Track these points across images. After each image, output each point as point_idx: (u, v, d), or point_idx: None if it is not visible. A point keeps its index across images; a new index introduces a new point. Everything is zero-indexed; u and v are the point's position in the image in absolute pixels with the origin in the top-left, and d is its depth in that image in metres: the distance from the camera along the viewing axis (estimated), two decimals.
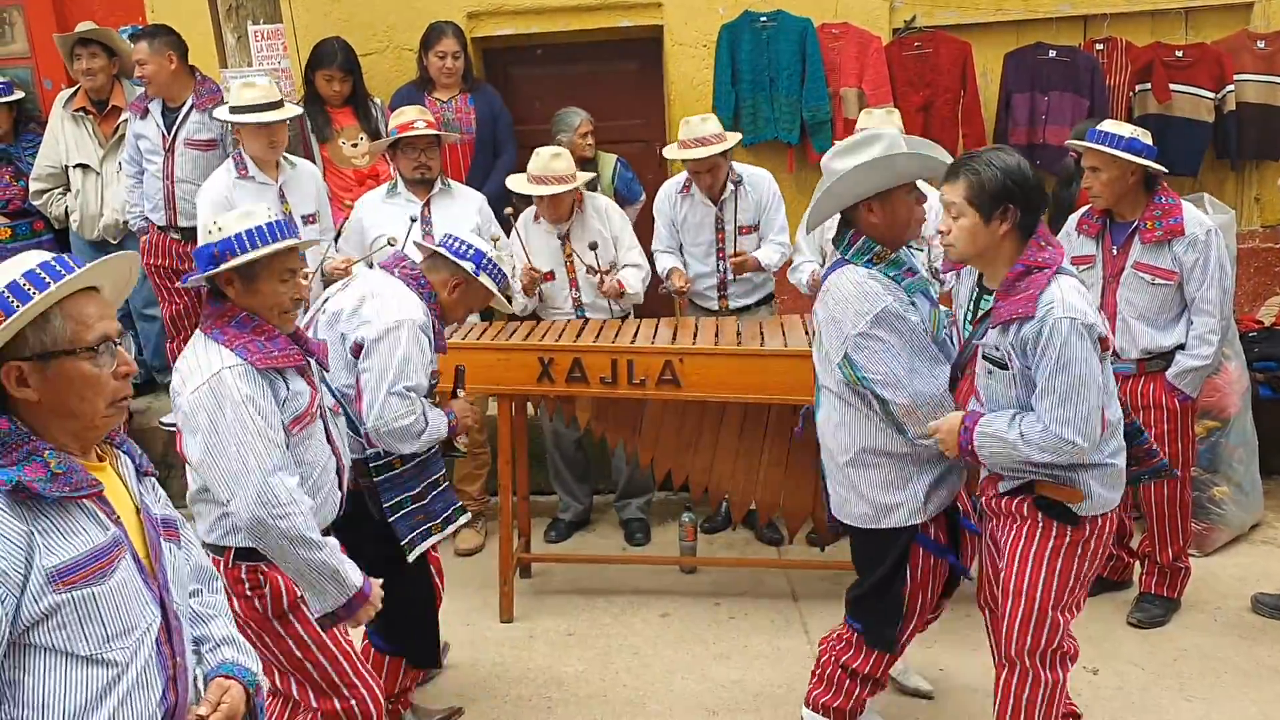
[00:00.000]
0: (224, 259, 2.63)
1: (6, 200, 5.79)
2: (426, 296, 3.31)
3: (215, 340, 2.64)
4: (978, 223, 2.76)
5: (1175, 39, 5.67)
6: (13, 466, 1.73)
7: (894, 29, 5.77)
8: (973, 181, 2.74)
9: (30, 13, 6.08)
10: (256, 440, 2.57)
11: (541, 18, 5.90)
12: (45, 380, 1.78)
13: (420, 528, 3.39)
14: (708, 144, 4.54)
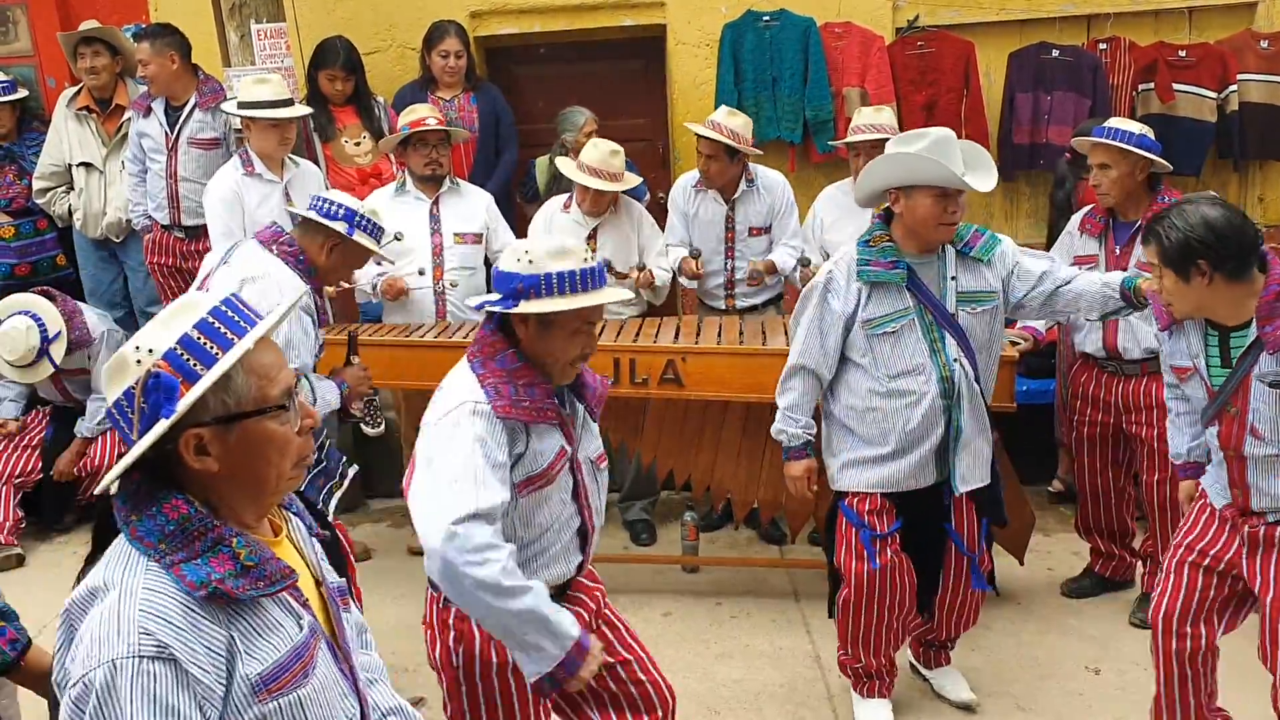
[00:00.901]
0: (526, 296, 2.38)
1: (10, 199, 5.80)
2: (305, 272, 3.29)
3: (474, 370, 2.42)
4: (1177, 282, 2.74)
5: (1178, 39, 5.66)
6: (197, 559, 1.49)
7: (897, 28, 5.77)
8: (1160, 247, 2.74)
9: (34, 11, 6.09)
10: (468, 483, 2.26)
11: (544, 17, 5.91)
12: (228, 447, 1.54)
13: (325, 486, 3.45)
14: (718, 131, 4.55)
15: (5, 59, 6.10)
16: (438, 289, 4.71)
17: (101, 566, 1.53)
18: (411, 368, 4.27)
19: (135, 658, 1.42)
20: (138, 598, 1.46)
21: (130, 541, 1.51)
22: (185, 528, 1.50)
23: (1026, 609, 4.27)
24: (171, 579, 1.48)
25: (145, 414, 1.49)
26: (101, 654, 1.42)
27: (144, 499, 1.52)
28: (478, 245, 4.76)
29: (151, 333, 1.53)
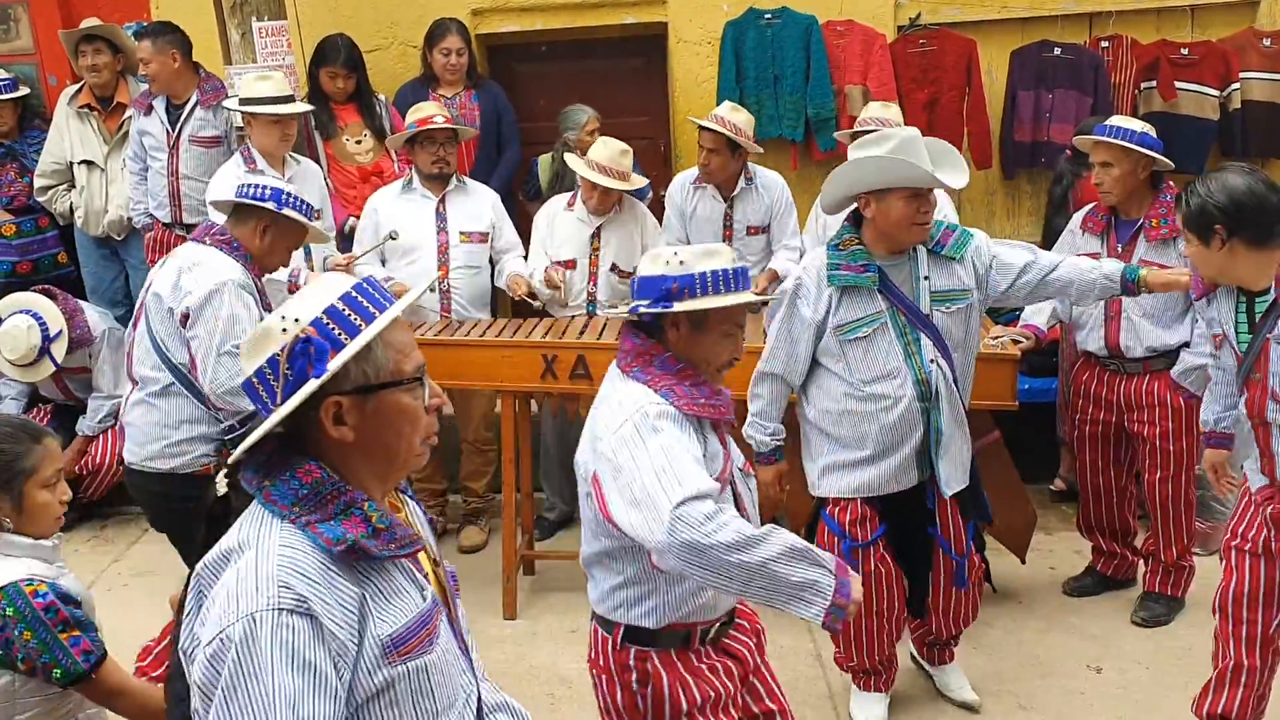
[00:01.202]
0: (680, 297, 2.33)
1: (11, 196, 5.80)
2: (241, 258, 3.35)
3: (637, 380, 2.35)
4: (1199, 247, 2.85)
5: (1181, 36, 5.65)
6: (330, 520, 1.53)
7: (899, 26, 5.76)
8: (1184, 212, 2.87)
9: (35, 9, 6.08)
10: (674, 474, 2.18)
11: (545, 14, 5.90)
12: (364, 417, 1.58)
13: None
14: (722, 125, 4.56)
15: (6, 57, 6.10)
16: (442, 287, 4.71)
17: (234, 530, 1.56)
18: None
19: (274, 610, 1.44)
20: (275, 554, 1.49)
21: (263, 505, 1.55)
22: (318, 491, 1.54)
23: (1028, 608, 4.27)
24: (308, 537, 1.51)
25: (290, 379, 1.54)
26: (240, 608, 1.44)
27: (277, 465, 1.57)
28: (483, 244, 4.76)
29: (296, 304, 1.58)
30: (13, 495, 2.33)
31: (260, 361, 1.56)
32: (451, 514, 5.20)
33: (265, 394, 1.57)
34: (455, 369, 4.25)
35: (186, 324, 3.28)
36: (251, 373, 1.58)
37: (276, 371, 1.55)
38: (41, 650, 2.24)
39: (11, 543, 2.32)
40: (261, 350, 1.56)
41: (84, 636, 2.29)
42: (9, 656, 2.24)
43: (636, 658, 2.41)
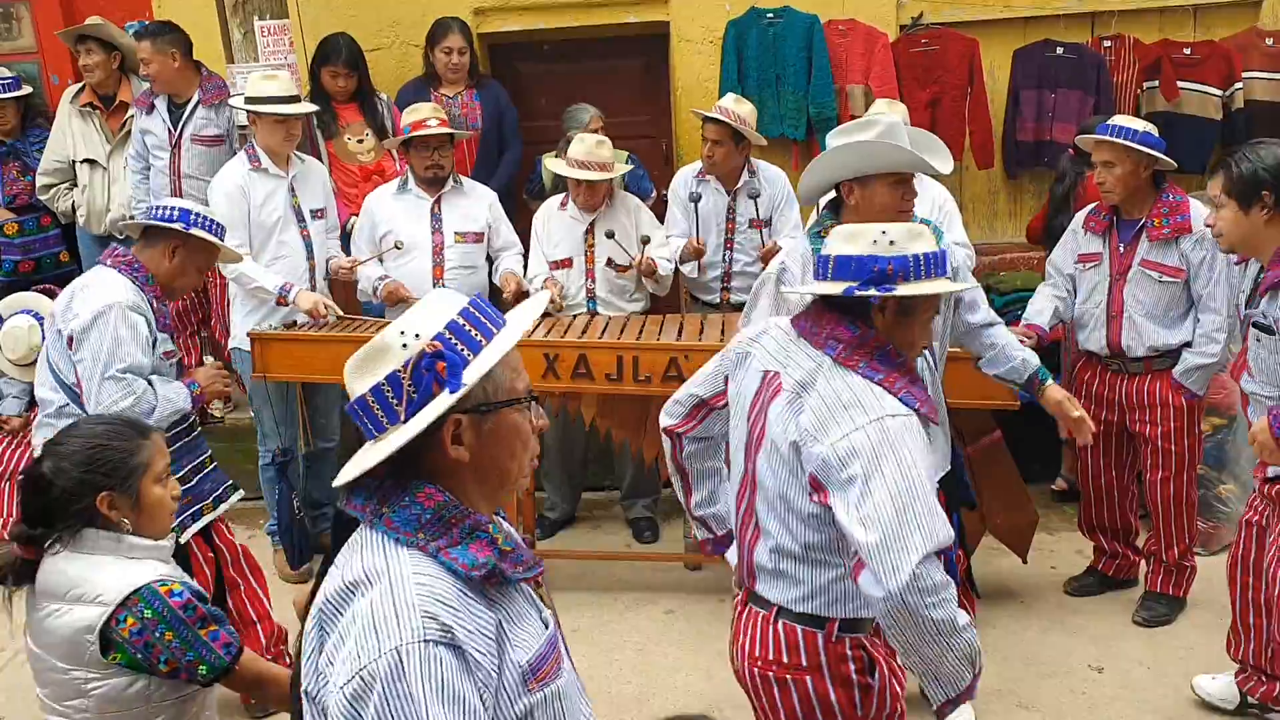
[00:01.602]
0: (895, 280, 2.20)
1: (13, 195, 5.80)
2: (141, 280, 3.34)
3: (864, 375, 2.17)
4: (1238, 212, 3.01)
5: (1183, 36, 5.65)
6: (458, 545, 1.47)
7: (901, 26, 5.76)
8: (1230, 174, 3.01)
9: (37, 8, 6.09)
10: (921, 512, 2.05)
11: (547, 14, 5.90)
12: (480, 436, 1.53)
13: (188, 510, 3.43)
14: (727, 116, 4.58)
15: (9, 56, 6.11)
16: (437, 288, 4.71)
17: (354, 561, 1.49)
18: None
19: (421, 643, 1.37)
20: (412, 583, 1.42)
21: (384, 534, 1.49)
22: (441, 515, 1.48)
23: (1029, 607, 4.26)
24: (441, 563, 1.45)
25: (415, 396, 1.49)
26: (382, 643, 1.37)
27: (392, 491, 1.51)
28: (478, 244, 4.76)
29: (414, 320, 1.52)
30: (130, 494, 2.27)
31: (377, 378, 1.50)
32: None
33: (382, 412, 1.51)
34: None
35: (73, 346, 3.27)
36: (366, 390, 1.51)
37: (399, 389, 1.49)
38: (185, 649, 2.20)
39: (133, 545, 2.27)
40: (378, 367, 1.51)
41: (221, 630, 2.26)
42: (149, 660, 2.20)
43: (853, 646, 2.29)
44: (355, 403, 1.53)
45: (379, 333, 1.54)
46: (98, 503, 2.24)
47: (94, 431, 2.31)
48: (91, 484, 2.23)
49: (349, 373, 1.54)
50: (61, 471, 2.24)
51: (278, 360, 4.36)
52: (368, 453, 1.52)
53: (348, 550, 1.52)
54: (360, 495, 1.53)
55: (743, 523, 2.41)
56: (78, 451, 2.26)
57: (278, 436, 4.62)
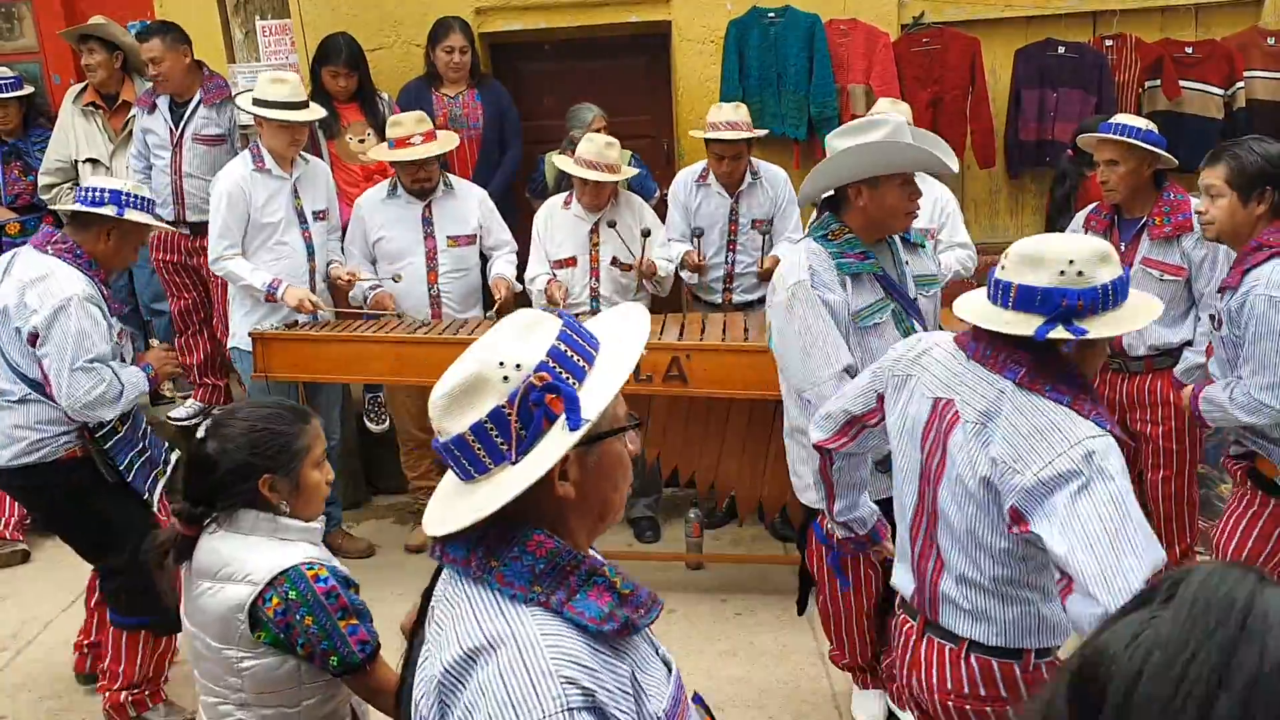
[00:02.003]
0: (1085, 315, 2.07)
1: (15, 195, 5.80)
2: (84, 265, 3.39)
3: (1056, 399, 2.08)
4: (1235, 203, 3.07)
5: (1185, 35, 5.65)
6: (576, 595, 1.34)
7: (902, 25, 5.76)
8: (1233, 166, 3.05)
9: (39, 8, 6.10)
10: (1134, 534, 1.97)
11: (549, 13, 5.90)
12: (585, 469, 1.41)
13: (150, 474, 3.57)
14: (737, 129, 4.57)
15: (10, 55, 6.11)
16: (432, 292, 4.71)
17: (467, 625, 1.35)
18: (411, 364, 4.28)
19: (566, 711, 1.25)
20: (543, 646, 1.29)
21: (498, 591, 1.35)
22: (556, 564, 1.35)
23: None
24: (566, 619, 1.32)
25: (524, 433, 1.36)
26: (525, 715, 1.25)
27: (498, 541, 1.38)
28: (471, 246, 4.77)
29: (510, 348, 1.39)
30: (291, 477, 2.27)
31: (479, 415, 1.37)
32: None
33: (485, 452, 1.38)
34: None
35: (36, 343, 3.32)
36: (465, 428, 1.38)
37: (504, 426, 1.36)
38: (321, 636, 2.17)
39: (288, 526, 2.27)
40: (477, 401, 1.37)
41: (361, 626, 2.21)
42: (289, 640, 2.19)
43: (1049, 668, 2.25)
44: (451, 441, 1.39)
45: (468, 363, 1.40)
46: (260, 485, 2.24)
47: (259, 415, 2.31)
48: (256, 466, 2.24)
49: (440, 409, 1.40)
50: (227, 453, 2.24)
51: (279, 360, 4.36)
52: (470, 497, 1.39)
53: (452, 607, 1.39)
54: (459, 546, 1.40)
55: (921, 553, 2.34)
56: (243, 434, 2.26)
57: None
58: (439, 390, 1.41)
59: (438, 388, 1.41)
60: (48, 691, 4.01)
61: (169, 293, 5.47)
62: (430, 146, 4.57)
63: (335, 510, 5.01)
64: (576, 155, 4.58)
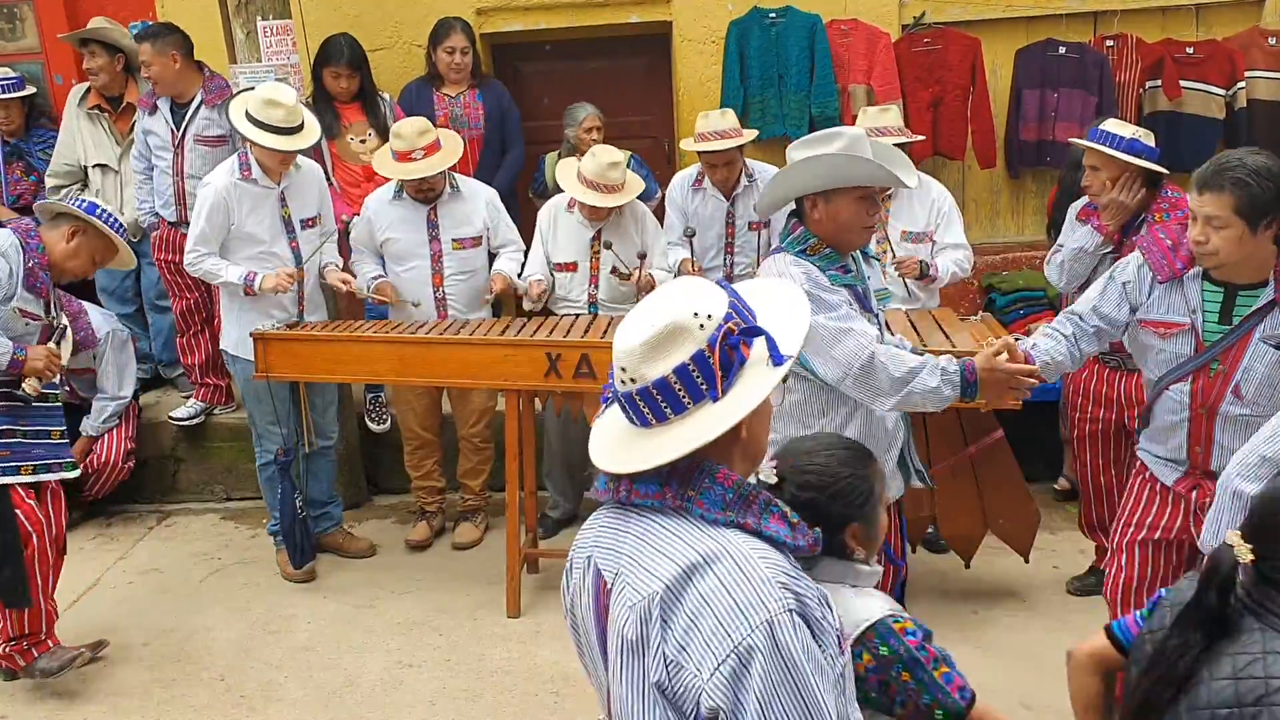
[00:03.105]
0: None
1: (17, 195, 5.81)
2: (31, 244, 3.73)
3: None
4: (1245, 234, 2.77)
5: (1186, 35, 5.65)
6: (761, 518, 1.52)
7: (903, 25, 5.76)
8: (1243, 197, 2.75)
9: (40, 8, 6.10)
10: None
11: (550, 13, 5.90)
12: (756, 416, 1.57)
13: (5, 463, 3.74)
14: (726, 137, 4.58)
15: (12, 56, 6.11)
16: (437, 295, 4.70)
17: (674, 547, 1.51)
18: (414, 364, 4.28)
19: (787, 612, 1.42)
20: (755, 558, 1.46)
21: (696, 516, 1.52)
22: (741, 492, 1.52)
23: (1032, 607, 4.26)
24: (765, 538, 1.50)
25: (723, 372, 1.52)
26: (751, 618, 1.41)
27: (687, 474, 1.54)
28: (477, 248, 4.75)
29: (695, 301, 1.55)
30: (870, 524, 2.15)
31: (681, 358, 1.52)
32: (448, 510, 5.21)
33: (686, 391, 1.53)
34: (460, 367, 4.26)
35: None
36: (668, 370, 1.52)
37: (706, 367, 1.52)
38: (921, 690, 2.06)
39: (861, 573, 2.13)
40: (676, 348, 1.52)
41: (953, 672, 2.10)
42: (884, 699, 2.08)
43: None
44: (653, 385, 1.53)
45: (660, 314, 1.55)
46: (847, 535, 2.12)
47: (836, 461, 2.15)
48: (844, 516, 2.13)
49: (639, 355, 1.54)
50: (817, 505, 2.06)
51: (279, 360, 4.37)
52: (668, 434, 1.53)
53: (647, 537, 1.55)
54: (651, 482, 1.55)
55: None
56: (830, 484, 2.11)
57: (274, 437, 4.62)
58: (632, 340, 1.55)
59: (629, 338, 1.56)
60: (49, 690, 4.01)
61: (171, 293, 5.48)
62: (432, 161, 4.51)
63: (336, 509, 5.01)
64: (579, 172, 4.54)
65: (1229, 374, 2.87)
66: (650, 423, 1.56)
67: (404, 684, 3.95)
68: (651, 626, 1.48)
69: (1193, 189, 2.86)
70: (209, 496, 5.68)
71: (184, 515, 5.57)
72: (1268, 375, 2.84)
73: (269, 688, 3.96)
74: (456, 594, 4.56)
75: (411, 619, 4.38)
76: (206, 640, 4.30)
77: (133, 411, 5.45)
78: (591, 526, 1.68)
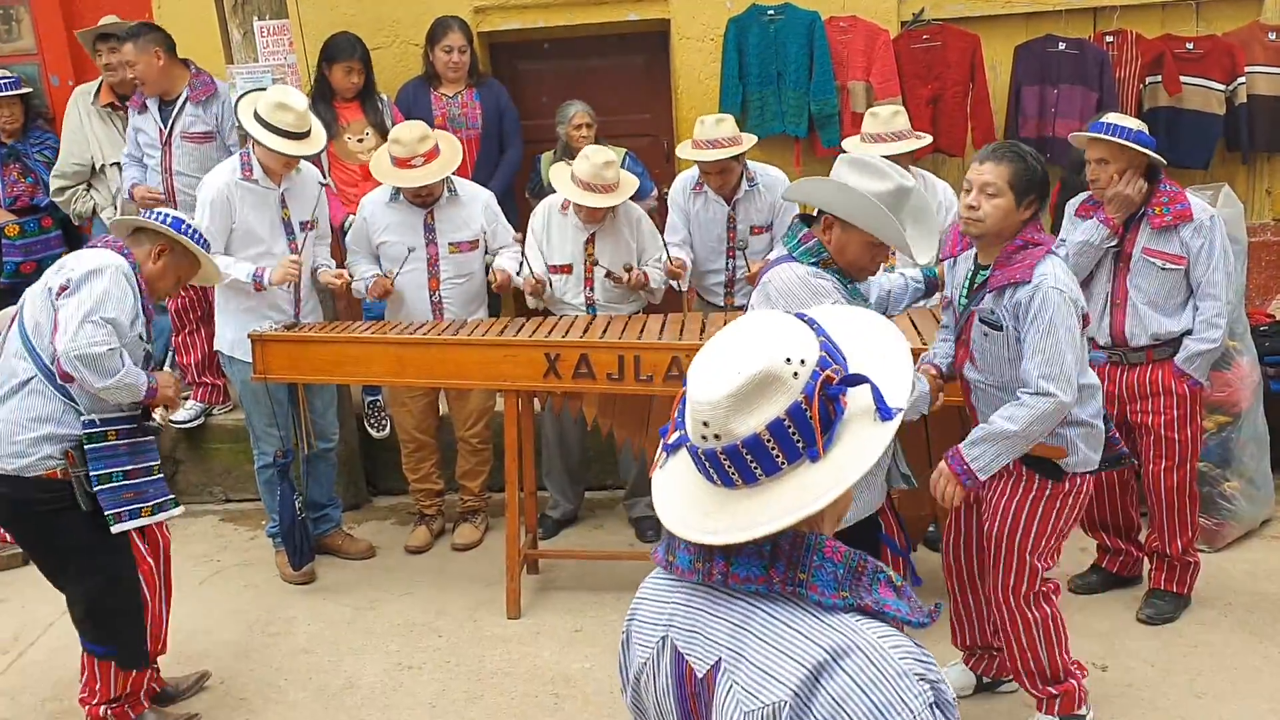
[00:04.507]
0: None
1: (14, 197, 5.80)
2: (133, 265, 3.41)
3: None
4: (1011, 205, 3.02)
5: (1186, 31, 5.63)
6: (870, 593, 1.35)
7: (902, 22, 5.75)
8: (1019, 169, 3.01)
9: (37, 9, 6.08)
10: None
11: (548, 12, 5.89)
12: None
13: (129, 505, 3.44)
14: (720, 146, 4.53)
15: (8, 57, 6.10)
16: (434, 299, 4.69)
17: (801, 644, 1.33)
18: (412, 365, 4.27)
19: (930, 708, 1.29)
20: (887, 647, 1.31)
21: (811, 603, 1.34)
22: (850, 566, 1.34)
23: None
24: (886, 620, 1.35)
25: (825, 426, 1.34)
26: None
27: (793, 551, 1.35)
28: (474, 251, 4.74)
29: (784, 343, 1.35)
30: None
31: (774, 413, 1.32)
32: (447, 512, 5.20)
33: (780, 451, 1.34)
34: (458, 368, 4.24)
35: (61, 294, 3.30)
36: (762, 426, 1.32)
37: (803, 422, 1.32)
38: None
39: None
40: (768, 401, 1.32)
41: None
42: None
43: None
44: (743, 443, 1.33)
45: (749, 359, 1.34)
46: None
47: None
48: None
49: (725, 409, 1.33)
50: None
51: (278, 361, 4.35)
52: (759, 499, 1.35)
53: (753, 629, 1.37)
54: (753, 563, 1.36)
55: None
56: None
57: (271, 439, 4.61)
58: (715, 390, 1.34)
59: (711, 388, 1.35)
60: (49, 694, 4.01)
61: None
62: (431, 169, 4.50)
63: (335, 511, 5.00)
64: (573, 174, 4.52)
65: (967, 345, 3.22)
66: (736, 484, 1.36)
67: (404, 686, 3.94)
68: None
69: (974, 163, 3.09)
70: (208, 498, 5.67)
71: (183, 517, 5.51)
72: (987, 348, 3.14)
73: (268, 690, 3.95)
74: (456, 595, 4.55)
75: (411, 620, 4.37)
76: (206, 643, 4.29)
77: None
78: (660, 600, 1.51)
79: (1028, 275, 2.99)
